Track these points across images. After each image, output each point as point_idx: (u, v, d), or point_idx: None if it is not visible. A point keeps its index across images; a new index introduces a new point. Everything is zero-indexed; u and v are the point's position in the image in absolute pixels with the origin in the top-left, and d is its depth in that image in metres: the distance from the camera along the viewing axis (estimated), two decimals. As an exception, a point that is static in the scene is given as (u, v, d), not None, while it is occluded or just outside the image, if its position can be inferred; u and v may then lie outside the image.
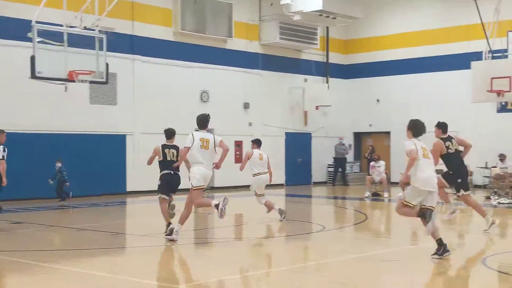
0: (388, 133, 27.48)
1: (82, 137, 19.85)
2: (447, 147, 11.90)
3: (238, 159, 24.62)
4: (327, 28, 27.33)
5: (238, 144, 24.71)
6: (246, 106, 24.87)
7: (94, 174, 19.93)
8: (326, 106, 26.45)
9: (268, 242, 11.78)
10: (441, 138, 12.04)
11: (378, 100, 27.75)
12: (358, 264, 9.50)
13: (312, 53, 27.23)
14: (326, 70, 27.86)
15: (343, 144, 27.16)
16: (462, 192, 12.13)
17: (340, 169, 26.91)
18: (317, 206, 19.69)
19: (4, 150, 13.01)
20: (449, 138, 12.15)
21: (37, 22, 14.60)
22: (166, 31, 22.33)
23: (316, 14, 24.12)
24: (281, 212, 13.75)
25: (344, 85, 28.54)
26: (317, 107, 26.45)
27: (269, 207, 13.78)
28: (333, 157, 27.13)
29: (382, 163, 21.30)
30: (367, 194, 20.57)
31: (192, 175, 10.62)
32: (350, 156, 28.09)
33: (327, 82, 27.52)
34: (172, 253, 10.64)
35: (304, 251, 11.02)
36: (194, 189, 10.58)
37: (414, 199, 9.43)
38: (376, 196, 20.56)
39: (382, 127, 27.62)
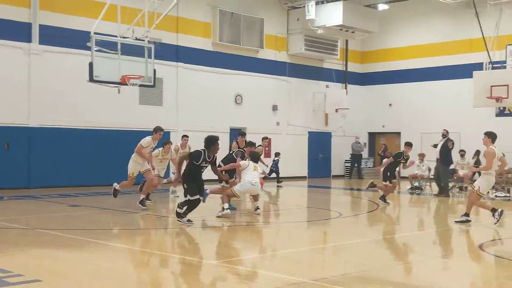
0: (399, 133, 27.23)
1: (132, 133, 19.97)
2: None
3: (267, 154, 24.63)
4: (347, 40, 27.13)
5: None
6: (274, 108, 24.82)
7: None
8: (345, 109, 26.27)
9: (292, 226, 11.72)
10: None
11: (390, 104, 27.53)
12: (371, 246, 9.41)
13: (333, 63, 27.05)
14: (345, 77, 27.67)
15: (359, 143, 26.99)
16: None
17: (356, 164, 26.74)
18: (335, 196, 19.57)
19: None
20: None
21: (95, 33, 14.67)
22: (206, 42, 22.38)
23: (337, 29, 24.05)
24: None
25: (361, 91, 28.34)
26: (336, 110, 26.27)
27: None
28: (350, 154, 26.96)
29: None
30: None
31: None
32: (365, 153, 27.90)
33: (345, 88, 27.32)
34: (212, 234, 10.65)
35: (323, 235, 10.95)
36: None
37: None
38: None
39: (393, 128, 27.40)
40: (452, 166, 19.42)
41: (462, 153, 20.74)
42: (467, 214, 11.43)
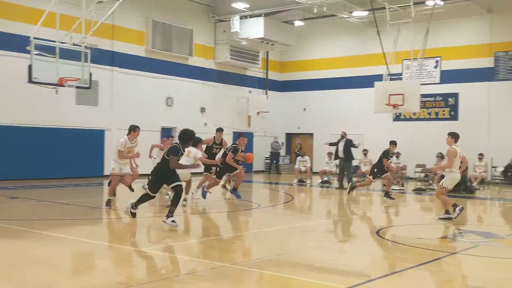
0: (312, 134, 27.80)
1: (69, 131, 19.37)
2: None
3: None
4: (267, 51, 27.42)
5: (195, 140, 24.52)
6: (202, 110, 24.71)
7: (77, 160, 19.45)
8: (265, 112, 26.54)
9: (216, 216, 11.73)
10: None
11: (305, 109, 28.03)
12: (287, 233, 9.56)
13: (255, 71, 27.27)
14: (266, 84, 27.94)
15: (277, 142, 27.34)
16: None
17: (274, 161, 27.08)
18: (255, 189, 19.73)
19: None
20: None
21: (35, 38, 14.12)
22: (139, 49, 21.96)
23: (258, 41, 24.24)
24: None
25: (279, 96, 28.70)
26: (258, 113, 26.50)
27: None
28: (270, 152, 27.27)
29: (307, 157, 21.52)
30: (295, 180, 20.73)
31: None
32: (282, 151, 28.28)
33: (266, 94, 27.59)
34: (140, 224, 10.46)
35: (244, 223, 11.03)
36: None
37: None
38: (301, 182, 20.75)
39: (307, 129, 27.93)
40: (355, 163, 20.02)
41: (365, 151, 21.39)
42: (447, 212, 10.81)
